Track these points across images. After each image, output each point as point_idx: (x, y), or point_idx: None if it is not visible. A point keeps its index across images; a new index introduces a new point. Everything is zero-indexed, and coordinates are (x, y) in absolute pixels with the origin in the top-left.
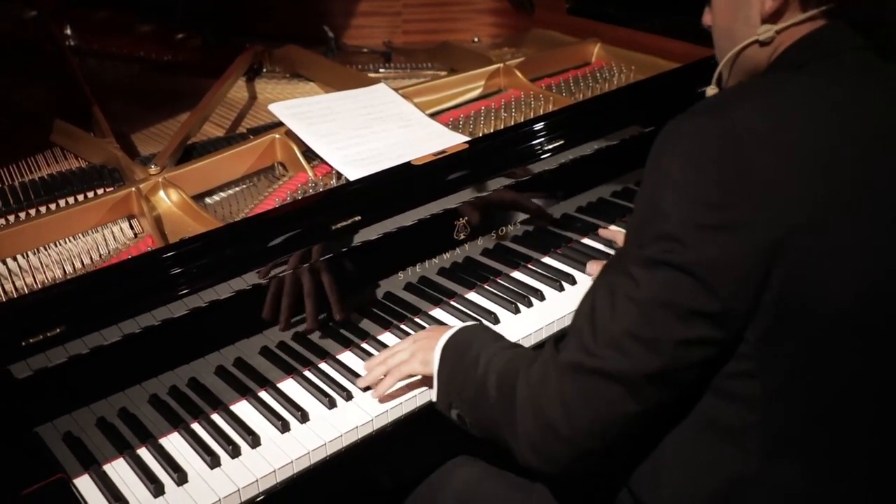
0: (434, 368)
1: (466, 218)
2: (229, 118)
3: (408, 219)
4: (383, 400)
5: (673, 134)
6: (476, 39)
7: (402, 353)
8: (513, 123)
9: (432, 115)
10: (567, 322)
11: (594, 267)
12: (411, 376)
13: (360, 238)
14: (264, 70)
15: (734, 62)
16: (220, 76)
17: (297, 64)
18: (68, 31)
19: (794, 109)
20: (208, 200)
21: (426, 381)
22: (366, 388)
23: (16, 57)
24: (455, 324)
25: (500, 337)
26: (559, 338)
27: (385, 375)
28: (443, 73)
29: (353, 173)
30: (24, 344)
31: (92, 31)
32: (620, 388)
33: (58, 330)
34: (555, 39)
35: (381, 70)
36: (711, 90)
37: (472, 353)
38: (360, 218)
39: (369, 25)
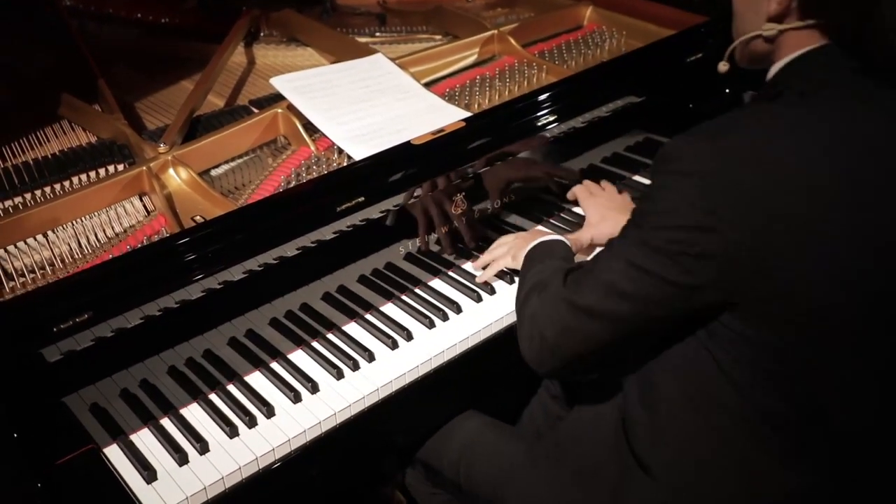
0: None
1: (463, 193)
2: (229, 84)
3: (408, 196)
4: (487, 280)
5: (675, 151)
6: None
7: (502, 247)
8: (507, 94)
9: (429, 85)
10: None
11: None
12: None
13: (362, 215)
14: (262, 34)
15: (744, 45)
16: (217, 39)
17: (295, 29)
18: None
19: (782, 137)
20: (214, 173)
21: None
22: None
23: (15, 21)
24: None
25: (567, 256)
26: (570, 269)
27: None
28: (437, 37)
29: (354, 150)
30: (55, 329)
31: None
32: (597, 324)
33: (86, 315)
34: (548, 0)
35: (376, 34)
36: (724, 66)
37: (538, 261)
38: (363, 199)
39: None
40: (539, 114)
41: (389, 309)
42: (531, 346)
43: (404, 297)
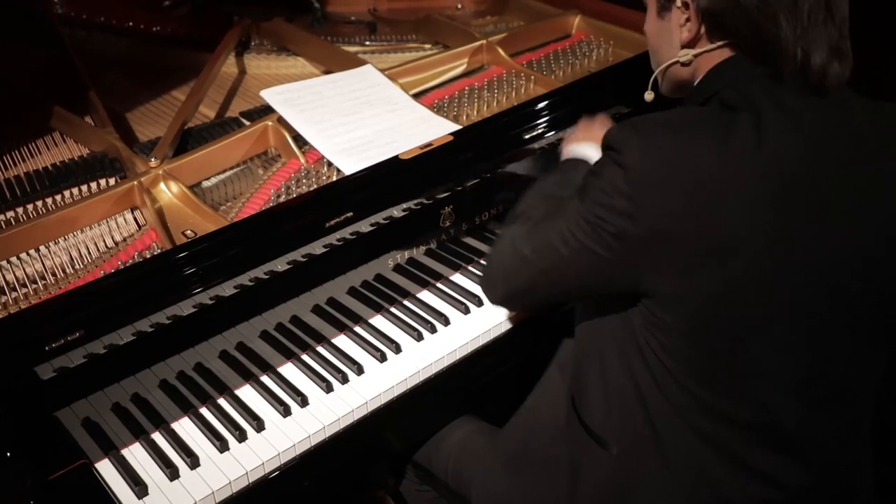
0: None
1: (452, 206)
2: (221, 94)
3: (396, 211)
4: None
5: (613, 137)
6: (459, 6)
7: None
8: (495, 104)
9: (418, 96)
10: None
11: None
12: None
13: (351, 229)
14: (252, 44)
15: (664, 74)
16: (209, 48)
17: (285, 39)
18: None
19: (705, 142)
20: (205, 184)
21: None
22: None
23: (6, 31)
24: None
25: (566, 183)
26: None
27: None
28: (427, 46)
29: (344, 163)
30: (47, 349)
31: None
32: (528, 271)
33: (77, 334)
34: (537, 9)
35: (366, 42)
36: (649, 95)
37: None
38: (351, 214)
39: None
40: (526, 126)
41: (378, 321)
42: (484, 272)
43: (393, 310)
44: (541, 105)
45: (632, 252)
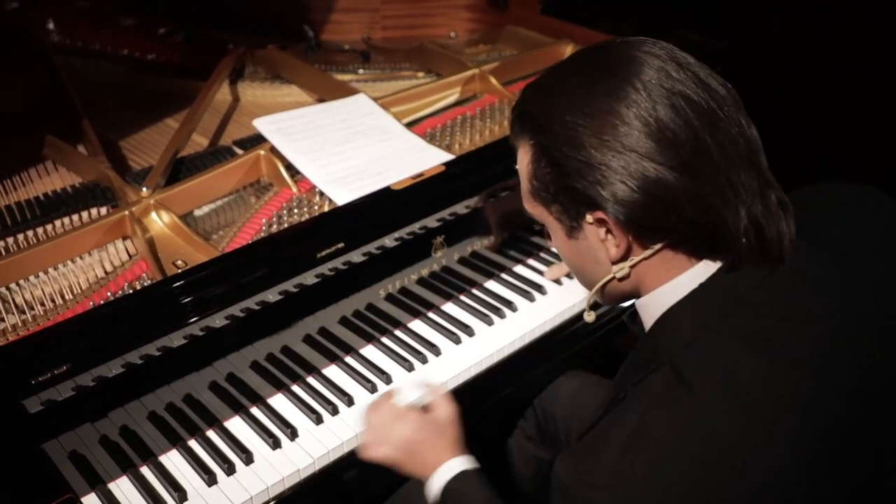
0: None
1: (444, 236)
2: (214, 122)
3: (388, 241)
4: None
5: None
6: (453, 35)
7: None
8: (488, 133)
9: (410, 124)
10: (536, 335)
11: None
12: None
13: (343, 259)
14: (246, 71)
15: (603, 291)
16: (203, 75)
17: (279, 67)
18: (51, 26)
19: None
20: (197, 213)
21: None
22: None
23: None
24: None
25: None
26: None
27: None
28: (420, 74)
29: (335, 193)
30: (34, 382)
31: (74, 26)
32: None
33: (65, 367)
34: (529, 38)
35: (360, 71)
36: (590, 316)
37: None
38: (343, 244)
39: (348, 21)
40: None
41: (369, 351)
42: None
43: (384, 340)
44: None
45: None
